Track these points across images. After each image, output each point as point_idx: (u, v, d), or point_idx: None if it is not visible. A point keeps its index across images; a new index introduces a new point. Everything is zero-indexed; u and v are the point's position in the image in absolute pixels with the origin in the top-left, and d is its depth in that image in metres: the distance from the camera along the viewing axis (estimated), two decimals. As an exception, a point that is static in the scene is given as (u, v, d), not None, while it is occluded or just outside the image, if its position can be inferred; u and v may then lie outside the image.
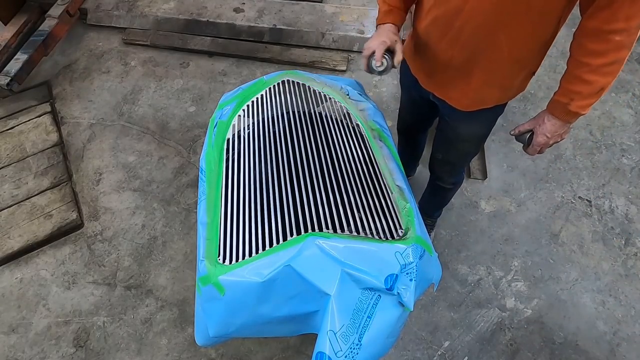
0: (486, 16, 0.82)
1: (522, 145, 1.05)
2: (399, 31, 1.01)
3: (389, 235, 0.84)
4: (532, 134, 1.00)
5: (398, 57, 0.94)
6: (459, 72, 0.98)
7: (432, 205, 1.63)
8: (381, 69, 0.94)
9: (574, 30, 0.87)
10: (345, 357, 0.73)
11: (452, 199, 1.87)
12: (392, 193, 0.93)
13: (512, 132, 1.06)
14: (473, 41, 0.89)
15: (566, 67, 0.90)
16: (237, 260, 0.83)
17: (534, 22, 0.82)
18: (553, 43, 0.96)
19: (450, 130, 1.16)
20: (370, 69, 0.96)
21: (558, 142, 0.98)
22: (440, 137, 1.25)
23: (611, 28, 0.74)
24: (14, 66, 2.13)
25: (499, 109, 1.08)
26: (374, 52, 0.93)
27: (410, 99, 1.27)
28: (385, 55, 0.93)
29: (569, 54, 0.89)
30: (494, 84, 0.98)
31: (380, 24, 1.00)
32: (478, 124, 1.11)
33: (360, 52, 2.43)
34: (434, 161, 1.37)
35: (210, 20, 2.46)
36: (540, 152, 1.00)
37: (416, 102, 1.24)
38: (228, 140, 1.08)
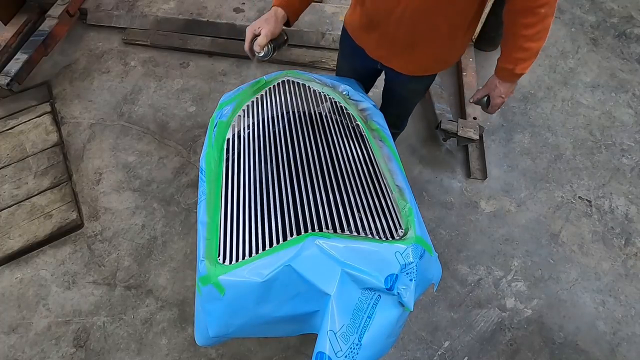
0: (422, 2, 0.95)
1: (481, 107, 1.24)
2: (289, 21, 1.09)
3: (389, 235, 0.84)
4: (488, 97, 1.19)
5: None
6: (405, 47, 1.10)
7: None
8: (262, 54, 1.02)
9: (573, 30, 0.89)
10: (345, 357, 0.73)
11: (452, 199, 1.87)
12: (392, 193, 0.93)
13: (471, 100, 1.25)
14: (415, 23, 1.01)
15: (504, 38, 1.06)
16: (237, 260, 0.83)
17: (465, 2, 0.98)
18: (553, 43, 1.01)
19: (396, 89, 1.34)
20: (251, 48, 1.03)
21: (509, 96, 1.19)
22: (386, 95, 1.42)
23: (537, 4, 0.92)
24: (14, 66, 2.13)
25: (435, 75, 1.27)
26: (256, 36, 1.01)
27: (353, 68, 1.35)
28: (269, 44, 1.03)
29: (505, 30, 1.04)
30: (436, 58, 1.14)
31: (275, 6, 1.06)
32: (422, 83, 1.29)
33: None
34: None
35: (210, 20, 2.46)
36: (498, 109, 1.22)
37: (358, 71, 1.33)
38: (228, 140, 1.08)
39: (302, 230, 0.84)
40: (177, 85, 2.29)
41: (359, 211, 0.89)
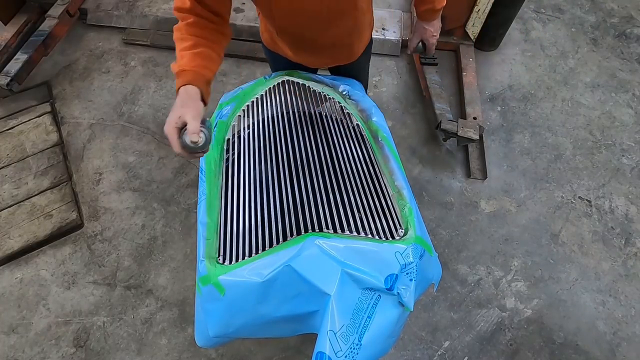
0: (330, 13, 0.98)
1: (420, 53, 1.35)
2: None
3: (389, 235, 0.84)
4: (422, 42, 1.28)
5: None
6: (329, 49, 1.14)
7: None
8: (202, 142, 0.77)
9: (573, 30, 0.89)
10: (345, 357, 0.73)
11: (452, 199, 1.87)
12: (392, 193, 0.93)
13: (409, 52, 1.34)
14: (332, 30, 1.04)
15: None
16: (237, 260, 0.83)
17: None
18: (553, 43, 1.01)
19: (345, 74, 1.34)
20: (184, 146, 0.77)
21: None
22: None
23: None
24: (14, 66, 2.13)
25: (369, 47, 1.30)
26: (185, 127, 0.77)
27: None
28: (201, 128, 0.78)
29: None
30: (358, 45, 1.21)
31: (182, 86, 0.83)
32: (362, 61, 1.32)
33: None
34: None
35: (210, 20, 2.46)
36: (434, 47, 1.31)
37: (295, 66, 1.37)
38: (228, 140, 1.08)
39: (302, 230, 0.84)
40: (177, 85, 2.29)
41: (359, 211, 0.89)
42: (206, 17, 0.89)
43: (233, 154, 1.05)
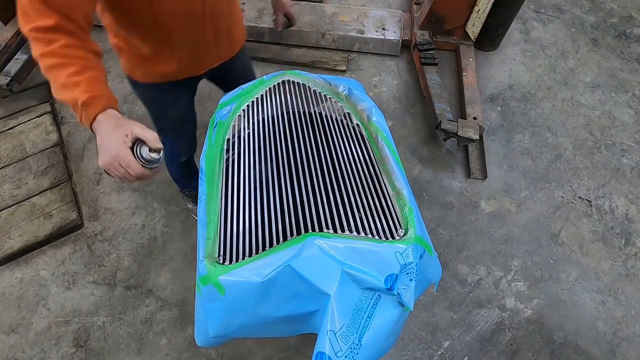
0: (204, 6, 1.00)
1: (286, 27, 1.43)
2: None
3: (389, 235, 0.84)
4: (285, 16, 1.39)
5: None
6: (218, 38, 1.14)
7: None
8: (160, 155, 0.71)
9: (573, 30, 0.88)
10: (345, 357, 0.73)
11: (452, 199, 1.87)
12: (391, 193, 0.93)
13: (279, 29, 1.41)
14: (214, 22, 1.07)
15: None
16: (237, 260, 0.83)
17: None
18: (553, 43, 0.99)
19: (233, 75, 1.37)
20: (146, 162, 0.71)
21: None
22: (233, 84, 1.33)
23: None
24: (14, 66, 2.13)
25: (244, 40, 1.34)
26: (136, 143, 0.70)
27: (180, 109, 1.35)
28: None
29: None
30: (236, 32, 1.25)
31: (105, 110, 0.73)
32: (245, 55, 1.38)
33: (361, 52, 2.45)
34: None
35: (210, 20, 2.46)
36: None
37: (184, 103, 1.36)
38: (228, 140, 1.08)
39: (302, 230, 0.84)
40: (177, 85, 2.29)
41: (359, 211, 0.89)
42: (76, 35, 0.76)
43: (233, 154, 1.05)
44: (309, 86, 1.19)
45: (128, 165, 0.69)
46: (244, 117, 1.13)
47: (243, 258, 0.83)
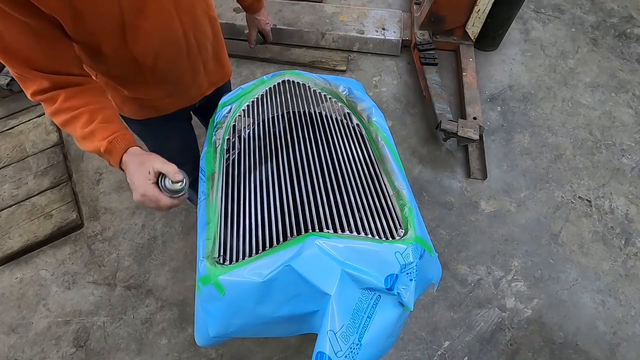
0: (192, 17, 0.92)
1: (260, 44, 1.43)
2: None
3: (389, 235, 0.84)
4: (260, 33, 1.39)
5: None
6: (207, 67, 1.09)
7: None
8: (186, 180, 0.76)
9: (573, 30, 0.88)
10: (345, 357, 0.73)
11: (452, 199, 1.87)
12: (392, 193, 0.93)
13: (251, 46, 1.41)
14: (200, 49, 1.00)
15: None
16: (237, 260, 0.83)
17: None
18: (553, 43, 0.98)
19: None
20: (172, 193, 0.76)
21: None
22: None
23: None
24: (14, 66, 2.13)
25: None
26: (160, 176, 0.75)
27: (178, 140, 1.25)
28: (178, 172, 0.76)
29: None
30: (225, 58, 1.20)
31: (127, 148, 0.78)
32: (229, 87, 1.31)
33: (361, 52, 2.45)
34: None
35: (210, 20, 2.46)
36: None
37: (180, 133, 1.28)
38: (228, 140, 1.08)
39: (302, 230, 0.84)
40: (177, 85, 2.29)
41: (359, 211, 0.89)
42: (74, 83, 0.77)
43: (233, 154, 1.05)
44: (309, 86, 1.19)
45: (156, 200, 0.75)
46: (244, 117, 1.13)
47: (243, 258, 0.83)
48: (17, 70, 0.73)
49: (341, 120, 1.12)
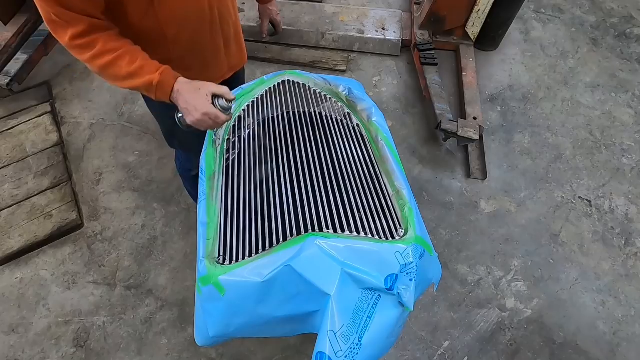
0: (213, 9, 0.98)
1: (271, 34, 1.48)
2: None
3: (389, 235, 0.84)
4: (271, 23, 1.43)
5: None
6: (229, 48, 1.13)
7: None
8: (235, 102, 0.93)
9: (573, 30, 0.88)
10: (345, 357, 0.73)
11: (452, 199, 1.87)
12: (392, 193, 0.93)
13: (264, 36, 1.45)
14: (223, 26, 1.05)
15: None
16: (237, 260, 0.83)
17: None
18: (553, 43, 0.99)
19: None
20: (224, 110, 0.89)
21: None
22: None
23: None
24: (14, 66, 2.13)
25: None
26: (213, 97, 0.87)
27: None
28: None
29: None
30: (242, 44, 1.24)
31: (175, 82, 0.87)
32: (244, 73, 1.38)
33: (361, 52, 2.44)
34: None
35: (210, 20, 2.46)
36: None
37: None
38: (228, 140, 1.08)
39: (302, 230, 0.84)
40: (177, 85, 2.29)
41: (359, 211, 0.89)
42: (108, 29, 0.84)
43: (233, 154, 1.05)
44: (309, 86, 1.19)
45: (217, 117, 0.86)
46: (244, 117, 1.13)
47: (243, 258, 0.83)
48: (54, 10, 0.75)
49: (341, 120, 1.12)
